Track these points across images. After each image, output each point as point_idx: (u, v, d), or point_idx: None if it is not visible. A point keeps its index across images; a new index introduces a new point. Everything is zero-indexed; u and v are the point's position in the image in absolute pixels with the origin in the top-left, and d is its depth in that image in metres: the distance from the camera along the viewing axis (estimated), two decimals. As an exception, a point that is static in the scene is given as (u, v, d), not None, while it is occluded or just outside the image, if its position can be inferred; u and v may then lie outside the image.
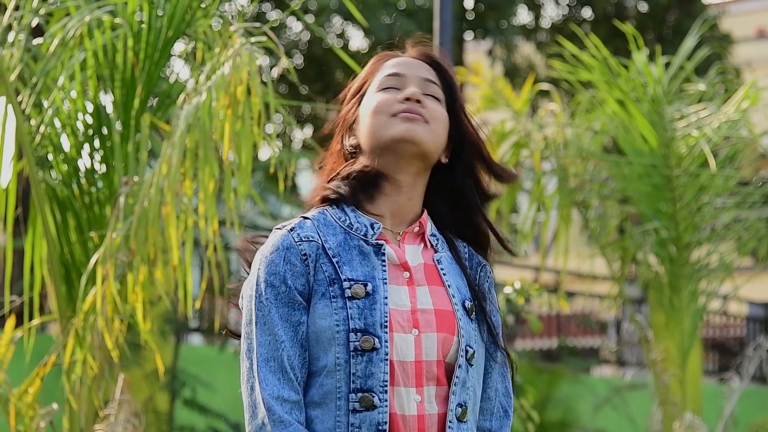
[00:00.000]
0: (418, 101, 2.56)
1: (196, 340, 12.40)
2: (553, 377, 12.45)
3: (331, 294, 2.48)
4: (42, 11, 4.89)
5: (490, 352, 2.61)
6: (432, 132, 2.56)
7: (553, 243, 7.92)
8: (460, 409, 2.53)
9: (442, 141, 2.59)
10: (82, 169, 4.85)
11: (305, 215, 2.57)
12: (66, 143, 4.86)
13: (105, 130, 4.83)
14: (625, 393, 12.12)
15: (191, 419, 9.73)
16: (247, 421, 2.49)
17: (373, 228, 2.54)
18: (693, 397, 7.77)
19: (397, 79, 2.60)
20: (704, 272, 7.49)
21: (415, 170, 2.57)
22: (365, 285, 2.48)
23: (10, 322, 4.69)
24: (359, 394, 2.45)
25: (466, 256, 2.64)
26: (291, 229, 2.54)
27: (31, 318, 4.80)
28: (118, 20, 4.80)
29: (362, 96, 2.63)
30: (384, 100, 2.58)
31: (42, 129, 4.78)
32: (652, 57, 7.71)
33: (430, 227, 2.61)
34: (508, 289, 5.91)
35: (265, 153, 13.83)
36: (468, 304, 2.57)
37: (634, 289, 11.90)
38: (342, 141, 2.63)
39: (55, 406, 4.63)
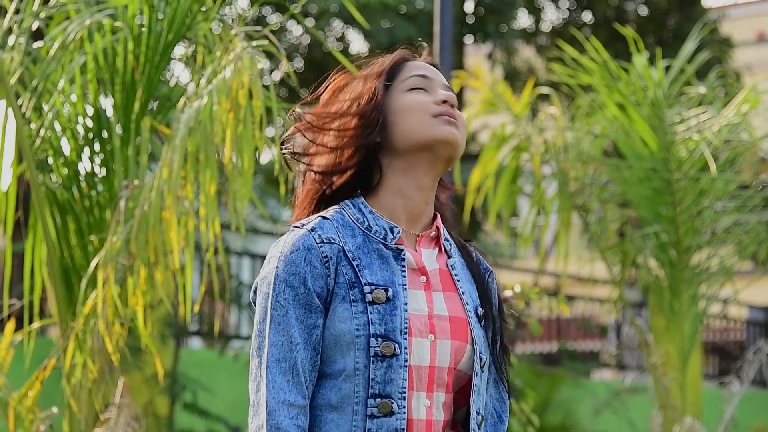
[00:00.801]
0: (452, 106, 2.58)
1: (196, 343, 12.38)
2: (553, 381, 12.45)
3: (351, 298, 2.47)
4: (42, 15, 4.88)
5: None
6: (463, 138, 2.58)
7: (553, 246, 7.91)
8: (479, 417, 2.53)
9: None
10: (83, 172, 4.84)
11: (323, 215, 2.54)
12: (66, 147, 4.86)
13: (105, 134, 4.83)
14: (626, 397, 12.10)
15: (191, 423, 9.72)
16: (249, 419, 2.49)
17: (392, 232, 2.53)
18: (693, 400, 7.75)
19: (425, 81, 2.60)
20: (704, 276, 7.48)
21: (438, 173, 2.59)
22: (386, 290, 2.47)
23: (10, 325, 4.68)
24: (378, 400, 2.44)
25: (474, 261, 2.65)
26: (312, 230, 2.50)
27: (31, 321, 4.79)
28: (118, 24, 4.80)
29: (380, 94, 2.59)
30: (420, 100, 2.57)
31: (42, 132, 4.78)
32: (652, 60, 7.70)
33: (443, 231, 2.62)
34: (508, 293, 5.90)
35: (265, 156, 13.82)
36: (480, 311, 2.58)
37: (634, 292, 11.89)
38: (359, 136, 2.56)
39: (55, 409, 4.63)
